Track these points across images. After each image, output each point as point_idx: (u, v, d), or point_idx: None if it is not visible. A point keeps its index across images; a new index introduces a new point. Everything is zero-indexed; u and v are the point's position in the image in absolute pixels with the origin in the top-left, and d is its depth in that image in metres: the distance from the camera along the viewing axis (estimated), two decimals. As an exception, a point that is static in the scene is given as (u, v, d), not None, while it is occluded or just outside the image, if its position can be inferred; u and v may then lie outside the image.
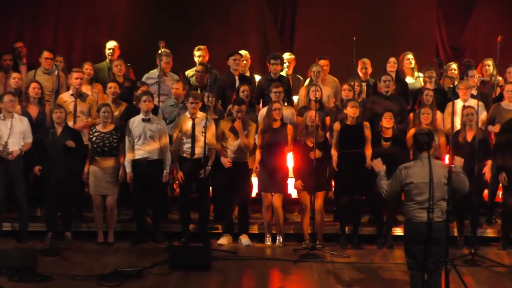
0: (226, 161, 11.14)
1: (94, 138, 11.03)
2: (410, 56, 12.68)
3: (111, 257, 10.49)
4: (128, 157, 11.04)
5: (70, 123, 11.39)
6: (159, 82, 12.11)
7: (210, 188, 11.53)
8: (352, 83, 11.76)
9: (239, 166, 11.20)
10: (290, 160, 11.29)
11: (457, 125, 11.16)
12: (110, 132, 11.07)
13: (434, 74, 11.90)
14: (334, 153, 11.03)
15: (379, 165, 8.26)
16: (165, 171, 11.07)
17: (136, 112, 11.22)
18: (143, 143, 11.02)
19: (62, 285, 9.28)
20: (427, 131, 8.01)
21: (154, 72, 12.40)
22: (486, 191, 11.68)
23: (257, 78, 12.85)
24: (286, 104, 11.95)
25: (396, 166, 10.96)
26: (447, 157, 10.73)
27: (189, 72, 12.62)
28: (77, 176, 11.09)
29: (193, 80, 12.37)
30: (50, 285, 9.26)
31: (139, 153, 11.03)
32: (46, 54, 12.07)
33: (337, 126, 11.13)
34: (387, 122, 11.01)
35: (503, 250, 11.07)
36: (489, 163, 11.01)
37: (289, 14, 14.91)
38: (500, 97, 11.97)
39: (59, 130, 10.97)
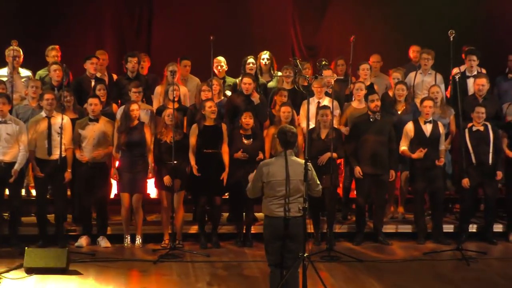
0: (82, 157, 11.00)
1: None
2: (266, 55, 12.82)
3: (-37, 263, 10.23)
4: (-16, 159, 10.75)
5: None
6: (11, 81, 11.81)
7: (68, 189, 11.37)
8: (210, 83, 11.78)
9: (97, 166, 11.09)
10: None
11: (311, 123, 11.37)
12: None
13: (291, 73, 12.08)
14: (191, 155, 11.06)
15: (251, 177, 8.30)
16: (13, 169, 10.74)
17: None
18: (0, 146, 10.74)
19: None
20: (291, 130, 8.10)
21: (4, 70, 12.10)
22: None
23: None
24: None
25: (257, 162, 11.13)
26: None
27: (41, 72, 12.35)
28: None
29: (47, 79, 12.12)
30: None
31: (-4, 156, 10.76)
32: None
33: (195, 127, 11.15)
34: (247, 121, 11.14)
35: (358, 245, 11.39)
36: (334, 155, 11.25)
37: (145, 14, 14.81)
38: (352, 95, 12.28)
39: None
